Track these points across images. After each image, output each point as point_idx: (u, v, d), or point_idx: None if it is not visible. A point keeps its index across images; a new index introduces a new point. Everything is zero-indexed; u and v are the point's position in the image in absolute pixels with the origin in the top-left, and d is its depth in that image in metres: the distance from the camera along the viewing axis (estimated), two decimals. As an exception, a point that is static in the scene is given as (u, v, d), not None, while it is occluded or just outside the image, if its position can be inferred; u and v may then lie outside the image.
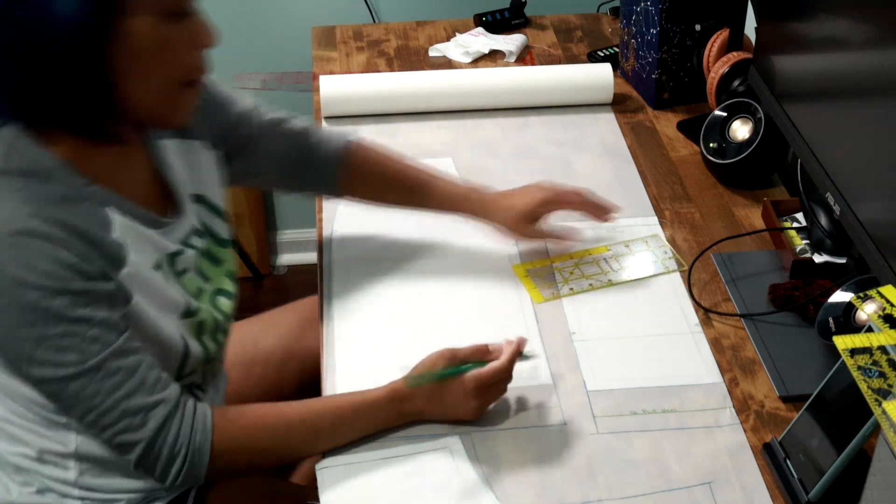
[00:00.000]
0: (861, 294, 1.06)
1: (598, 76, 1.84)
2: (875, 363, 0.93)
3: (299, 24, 2.42)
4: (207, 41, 1.11)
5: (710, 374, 1.30)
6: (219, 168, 1.32)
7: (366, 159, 1.46)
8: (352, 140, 1.46)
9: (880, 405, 0.89)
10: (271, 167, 1.41)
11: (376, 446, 1.20)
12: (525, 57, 2.03)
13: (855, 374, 0.93)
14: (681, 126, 1.81)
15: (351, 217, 1.56)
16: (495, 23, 2.11)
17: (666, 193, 1.64)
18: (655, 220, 1.57)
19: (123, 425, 1.09)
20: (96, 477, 1.21)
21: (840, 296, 1.29)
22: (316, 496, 1.15)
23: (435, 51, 2.03)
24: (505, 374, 1.22)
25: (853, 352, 0.94)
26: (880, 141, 1.17)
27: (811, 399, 1.14)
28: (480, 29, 2.09)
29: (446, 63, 2.01)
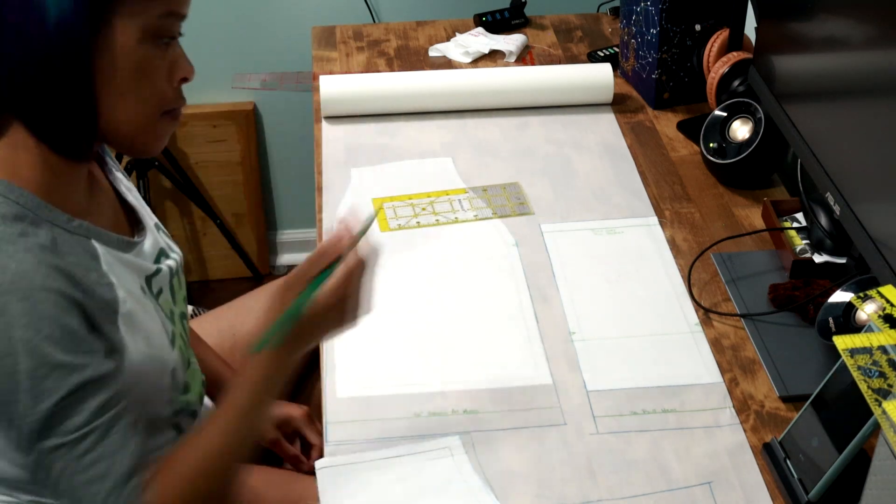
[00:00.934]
0: (861, 294, 1.07)
1: (598, 76, 1.84)
2: (875, 363, 0.93)
3: (299, 24, 2.42)
4: (186, 73, 1.10)
5: (710, 374, 1.30)
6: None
7: None
8: None
9: (880, 405, 0.89)
10: None
11: (376, 446, 1.20)
12: (525, 57, 2.03)
13: (855, 374, 0.93)
14: (681, 126, 1.81)
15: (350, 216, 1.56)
16: (495, 23, 2.11)
17: (666, 193, 1.64)
18: (655, 220, 1.57)
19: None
20: None
21: (840, 296, 1.29)
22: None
23: (435, 51, 2.03)
24: (354, 265, 1.11)
25: (853, 352, 0.94)
26: (880, 141, 1.17)
27: (811, 399, 1.14)
28: (480, 29, 2.09)
29: (446, 63, 2.01)
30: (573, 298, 1.42)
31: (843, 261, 1.41)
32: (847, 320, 1.27)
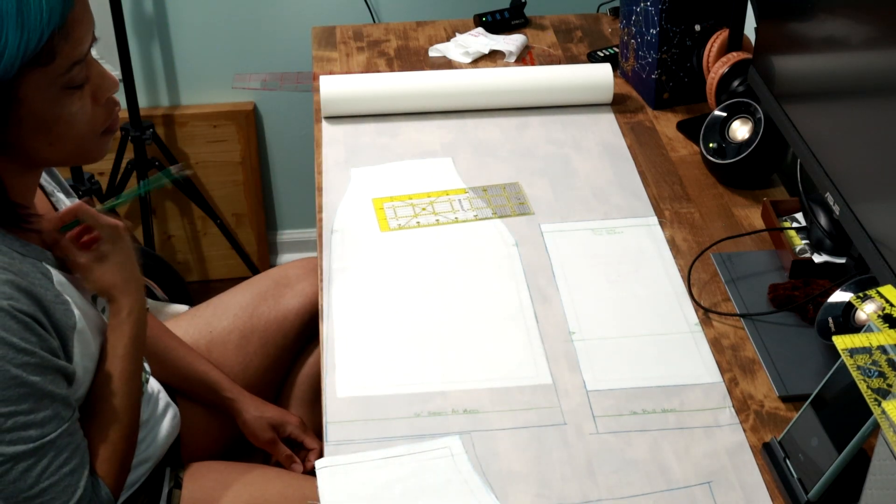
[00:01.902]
0: (860, 294, 1.07)
1: (598, 76, 1.84)
2: (874, 363, 0.93)
3: (299, 24, 2.43)
4: (110, 89, 1.11)
5: (710, 374, 1.30)
6: None
7: None
8: None
9: (880, 405, 0.89)
10: None
11: (376, 446, 1.20)
12: (525, 57, 2.03)
13: (854, 374, 0.93)
14: (681, 126, 1.82)
15: (351, 216, 1.57)
16: (495, 23, 2.11)
17: (666, 193, 1.64)
18: (655, 220, 1.57)
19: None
20: None
21: (840, 296, 1.29)
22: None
23: (435, 51, 2.03)
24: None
25: (853, 352, 0.95)
26: (880, 141, 1.17)
27: (811, 399, 1.14)
28: (480, 29, 2.09)
29: (446, 63, 2.01)
30: (573, 298, 1.42)
31: (843, 261, 1.41)
32: (846, 320, 1.27)
